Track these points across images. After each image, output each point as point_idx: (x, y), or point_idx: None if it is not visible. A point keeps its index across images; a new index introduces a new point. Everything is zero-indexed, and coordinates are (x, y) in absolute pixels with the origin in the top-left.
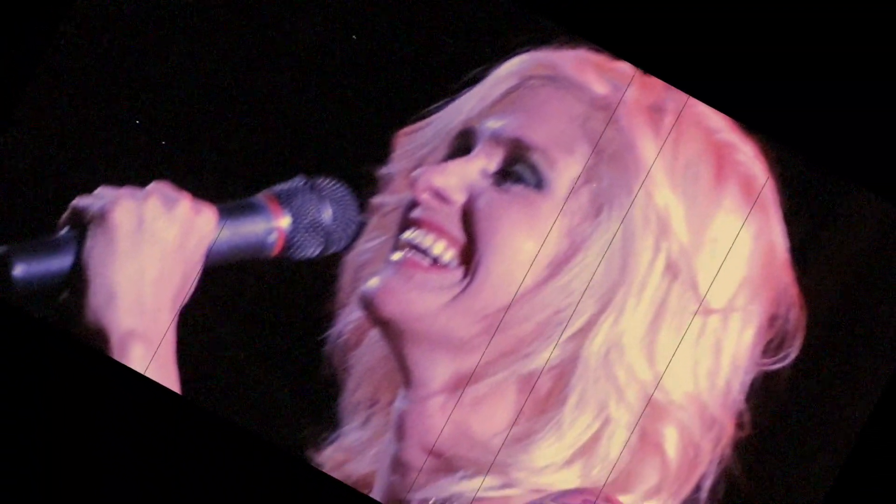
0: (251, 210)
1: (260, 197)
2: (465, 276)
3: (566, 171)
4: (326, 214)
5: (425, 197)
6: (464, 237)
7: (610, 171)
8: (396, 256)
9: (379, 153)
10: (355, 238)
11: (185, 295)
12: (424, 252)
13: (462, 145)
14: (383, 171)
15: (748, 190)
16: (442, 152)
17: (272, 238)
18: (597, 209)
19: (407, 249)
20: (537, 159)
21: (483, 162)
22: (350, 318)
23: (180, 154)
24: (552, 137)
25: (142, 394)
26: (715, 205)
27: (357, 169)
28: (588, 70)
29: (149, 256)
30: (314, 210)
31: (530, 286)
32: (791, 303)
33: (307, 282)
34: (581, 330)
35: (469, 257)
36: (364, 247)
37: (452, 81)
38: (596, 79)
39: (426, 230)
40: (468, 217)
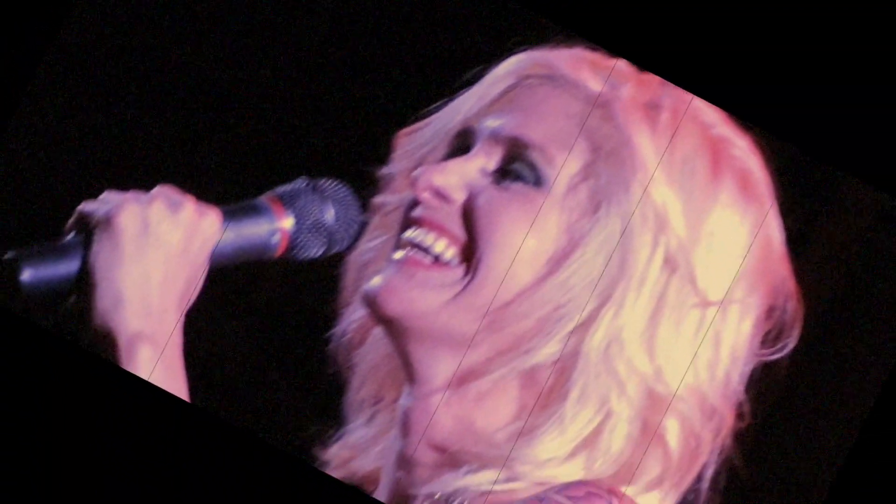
0: (254, 212)
1: (263, 199)
2: (467, 274)
3: (564, 169)
4: (329, 215)
5: (426, 196)
6: (464, 235)
7: (607, 168)
8: (398, 255)
9: (379, 153)
10: (358, 238)
11: (191, 296)
12: (426, 250)
13: (461, 144)
14: (384, 171)
15: (744, 184)
16: (441, 152)
17: (276, 239)
18: (595, 205)
19: (408, 248)
20: (535, 157)
21: (482, 160)
22: (354, 317)
23: (184, 157)
24: (550, 135)
25: (146, 394)
26: (711, 199)
27: (358, 169)
28: (584, 68)
29: (154, 259)
30: (317, 211)
31: (530, 283)
32: (788, 294)
33: (311, 282)
34: (581, 325)
35: (470, 255)
36: (366, 246)
37: (451, 81)
38: (592, 76)
39: (427, 229)
40: (468, 215)
